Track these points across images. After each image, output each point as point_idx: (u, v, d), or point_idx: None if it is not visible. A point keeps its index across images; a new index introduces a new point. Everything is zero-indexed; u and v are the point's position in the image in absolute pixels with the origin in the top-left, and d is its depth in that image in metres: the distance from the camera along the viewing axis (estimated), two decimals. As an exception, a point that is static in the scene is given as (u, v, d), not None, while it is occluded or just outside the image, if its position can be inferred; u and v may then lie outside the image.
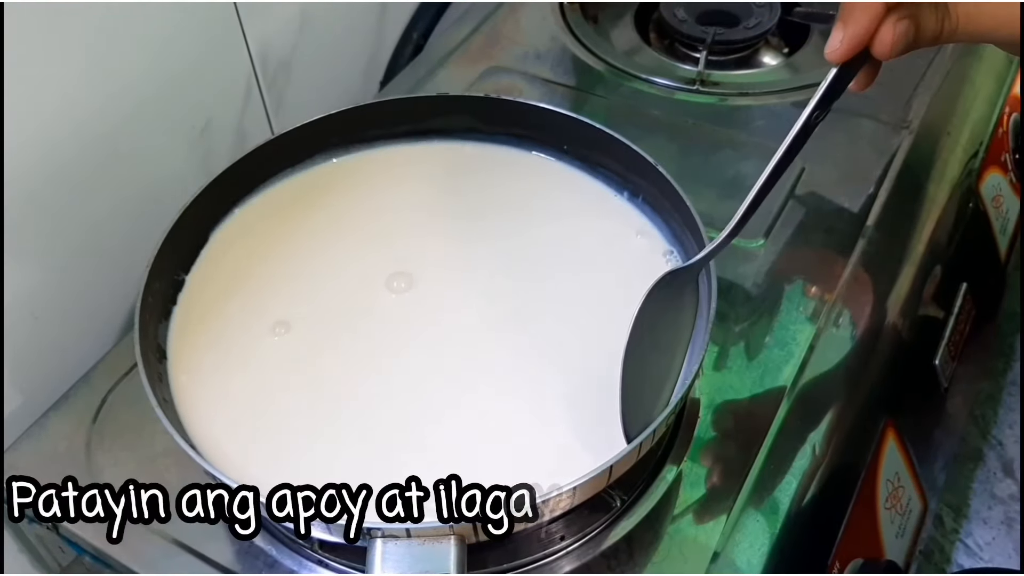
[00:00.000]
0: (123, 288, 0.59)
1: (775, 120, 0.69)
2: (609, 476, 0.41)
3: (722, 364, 0.55)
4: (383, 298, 0.52)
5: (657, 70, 0.73)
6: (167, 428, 0.41)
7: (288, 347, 0.49)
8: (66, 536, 0.50)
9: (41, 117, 0.52)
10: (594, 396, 0.47)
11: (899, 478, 0.58)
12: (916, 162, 0.67)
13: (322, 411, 0.47)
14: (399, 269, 0.53)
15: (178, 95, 0.60)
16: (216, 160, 0.64)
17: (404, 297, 0.52)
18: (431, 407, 0.47)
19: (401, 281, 0.52)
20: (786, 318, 0.57)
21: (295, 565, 0.48)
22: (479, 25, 0.79)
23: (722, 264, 0.47)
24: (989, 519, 0.74)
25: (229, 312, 0.51)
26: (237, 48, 0.64)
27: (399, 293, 0.52)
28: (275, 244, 0.54)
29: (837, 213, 0.63)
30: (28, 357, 0.55)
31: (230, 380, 0.48)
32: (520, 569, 0.47)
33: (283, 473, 0.44)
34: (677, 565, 0.47)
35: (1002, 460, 0.78)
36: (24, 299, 0.54)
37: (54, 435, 0.53)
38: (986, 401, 0.82)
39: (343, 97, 0.76)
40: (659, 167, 0.51)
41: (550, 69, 0.74)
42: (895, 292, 0.61)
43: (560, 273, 0.53)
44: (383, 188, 0.57)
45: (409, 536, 0.39)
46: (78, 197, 0.55)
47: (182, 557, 0.48)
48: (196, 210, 0.50)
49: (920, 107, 0.70)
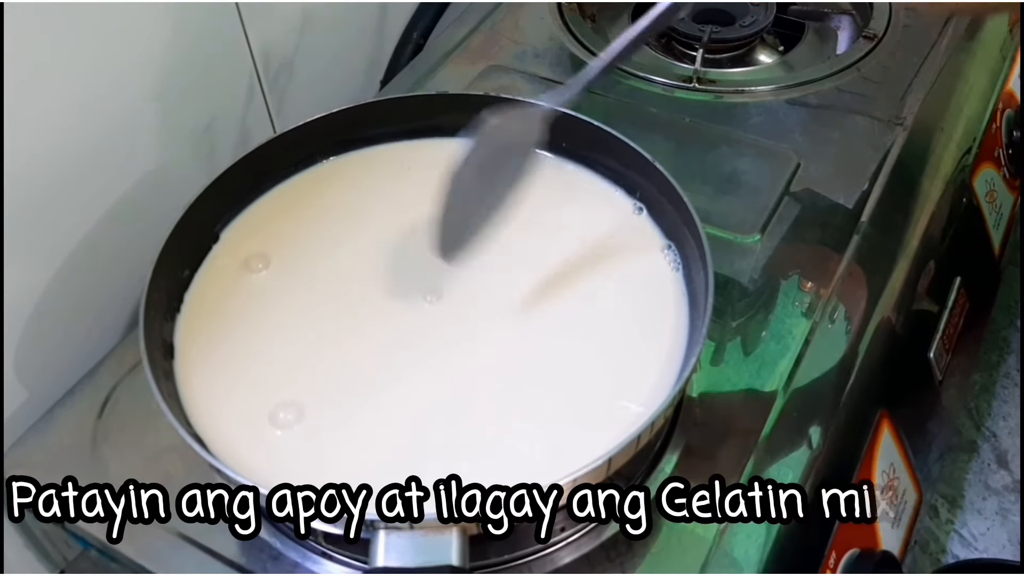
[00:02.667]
0: (128, 285, 0.59)
1: (771, 117, 0.70)
2: (608, 468, 0.41)
3: (719, 359, 0.55)
4: (393, 297, 0.52)
5: (654, 68, 0.74)
6: (171, 421, 0.42)
7: (295, 344, 0.50)
8: (71, 531, 0.50)
9: (45, 116, 0.52)
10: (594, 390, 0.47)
11: (894, 469, 0.59)
12: (910, 158, 0.68)
13: (330, 408, 0.47)
14: (407, 268, 0.53)
15: (181, 94, 0.60)
16: (219, 159, 0.65)
17: (414, 295, 0.52)
18: (444, 406, 0.47)
19: (411, 280, 0.52)
20: (782, 313, 0.57)
21: (299, 558, 0.48)
22: (478, 25, 0.79)
23: (719, 260, 0.47)
24: (983, 510, 0.75)
25: (236, 310, 0.51)
26: (239, 48, 0.64)
27: (409, 292, 0.52)
28: (281, 244, 0.54)
29: (832, 209, 0.63)
30: (33, 353, 0.56)
31: (238, 376, 0.48)
32: (521, 560, 0.47)
33: (290, 470, 0.45)
34: (675, 556, 0.47)
35: (996, 451, 0.78)
36: (29, 295, 0.54)
37: (59, 430, 0.53)
38: (980, 393, 0.82)
39: (344, 96, 0.76)
40: (656, 164, 0.52)
41: (548, 68, 0.75)
42: (890, 286, 0.61)
43: (558, 269, 0.53)
44: (387, 186, 0.57)
45: (412, 527, 0.39)
46: (83, 194, 0.56)
47: (187, 550, 0.48)
48: (201, 207, 0.51)
49: (914, 103, 0.71)
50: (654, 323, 0.50)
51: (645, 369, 0.47)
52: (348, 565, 0.48)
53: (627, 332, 0.50)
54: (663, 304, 0.50)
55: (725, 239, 0.61)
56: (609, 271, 0.53)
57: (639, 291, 0.51)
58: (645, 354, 0.48)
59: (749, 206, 0.63)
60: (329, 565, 0.48)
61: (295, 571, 0.48)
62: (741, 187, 0.64)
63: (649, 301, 0.51)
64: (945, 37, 0.77)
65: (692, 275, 0.50)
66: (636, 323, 0.50)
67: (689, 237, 0.50)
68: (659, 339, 0.49)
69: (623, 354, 0.49)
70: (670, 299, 0.51)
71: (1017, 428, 0.80)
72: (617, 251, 0.54)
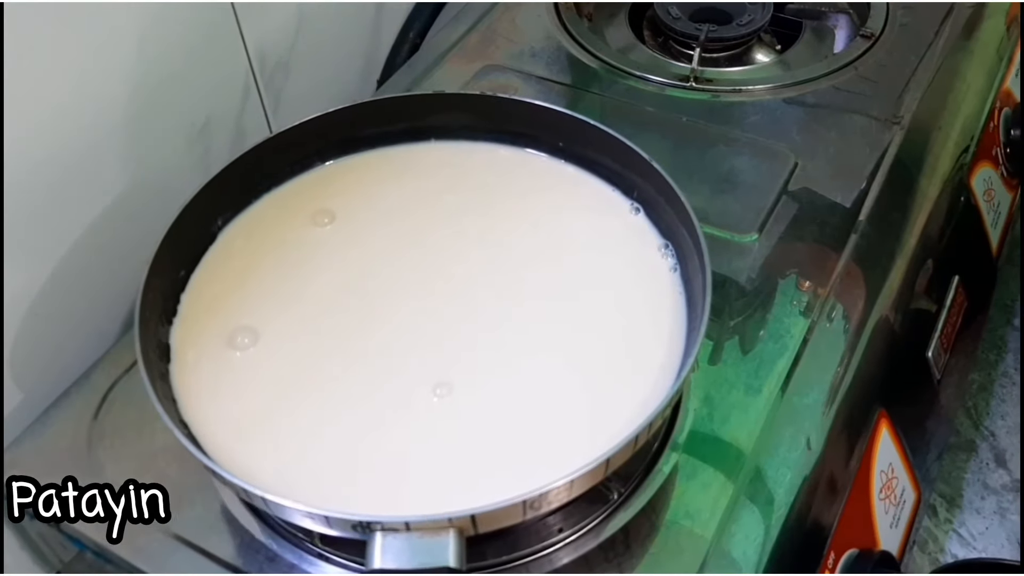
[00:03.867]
0: (124, 286, 0.59)
1: (768, 116, 0.70)
2: (607, 468, 0.41)
3: (717, 358, 0.55)
4: (388, 301, 0.52)
5: (651, 67, 0.74)
6: (165, 421, 0.42)
7: (294, 345, 0.50)
8: (68, 533, 0.50)
9: (40, 115, 0.52)
10: (591, 391, 0.47)
11: (893, 469, 0.59)
12: (908, 157, 0.68)
13: (326, 409, 0.47)
14: (401, 272, 0.53)
15: (176, 94, 0.60)
16: (215, 158, 0.64)
17: (409, 296, 0.52)
18: (438, 412, 0.47)
19: (411, 283, 0.52)
20: (780, 312, 0.57)
21: (296, 559, 0.48)
22: (475, 24, 0.79)
23: (716, 260, 0.47)
24: (982, 509, 0.75)
25: (233, 311, 0.51)
26: (235, 47, 0.64)
27: (404, 294, 0.52)
28: (278, 246, 0.54)
29: (830, 208, 0.63)
30: (29, 354, 0.55)
31: (235, 379, 0.48)
32: (519, 561, 0.47)
33: (286, 470, 0.45)
34: (674, 556, 0.47)
35: (994, 451, 0.78)
36: (25, 296, 0.54)
37: (55, 432, 0.53)
38: (978, 392, 0.82)
39: (340, 96, 0.76)
40: (654, 163, 0.52)
41: (545, 67, 0.75)
42: (888, 285, 0.61)
43: (556, 270, 0.53)
44: (383, 189, 0.57)
45: (408, 529, 0.39)
46: (78, 194, 0.56)
47: (183, 552, 0.48)
48: (197, 208, 0.50)
49: (911, 102, 0.71)
50: (652, 323, 0.49)
51: (643, 369, 0.47)
52: (344, 567, 0.48)
53: (625, 332, 0.50)
54: (661, 304, 0.50)
55: (723, 238, 0.61)
56: (606, 271, 0.53)
57: (636, 291, 0.51)
58: (643, 354, 0.48)
59: (746, 205, 0.63)
60: (325, 567, 0.48)
61: (291, 573, 0.48)
62: (738, 186, 0.64)
63: (646, 301, 0.51)
64: (942, 36, 0.77)
65: (690, 274, 0.50)
66: (633, 323, 0.50)
67: (686, 236, 0.50)
68: (657, 339, 0.49)
69: (620, 354, 0.49)
70: (668, 299, 0.50)
71: (1015, 427, 0.80)
72: (614, 251, 0.53)
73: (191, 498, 0.50)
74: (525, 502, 0.39)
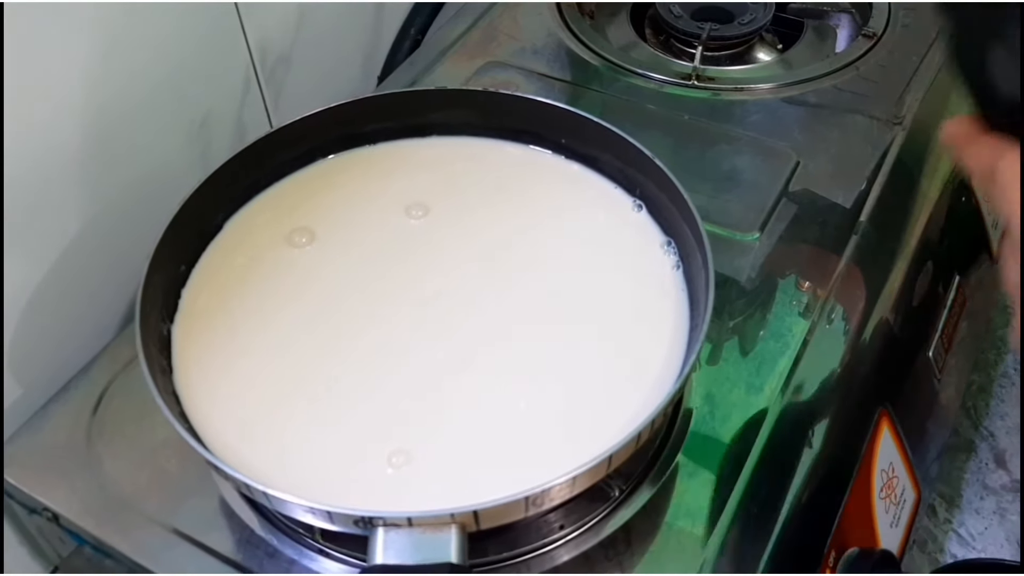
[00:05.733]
0: (124, 282, 0.59)
1: (769, 115, 0.70)
2: (608, 465, 0.41)
3: (717, 358, 0.55)
4: (390, 295, 0.51)
5: (652, 65, 0.74)
6: (166, 416, 0.41)
7: (294, 340, 0.49)
8: (66, 527, 0.50)
9: (41, 111, 0.52)
10: (594, 388, 0.47)
11: (893, 469, 0.59)
12: (909, 157, 0.68)
13: (329, 404, 0.47)
14: (403, 268, 0.53)
15: (177, 89, 0.60)
16: (215, 153, 0.64)
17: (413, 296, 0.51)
18: (440, 401, 0.47)
19: (410, 281, 0.52)
20: (780, 312, 0.57)
21: (296, 555, 0.48)
22: (476, 21, 0.79)
23: (717, 259, 0.47)
24: (981, 509, 0.75)
25: (235, 306, 0.51)
26: (236, 42, 0.64)
27: (408, 293, 0.52)
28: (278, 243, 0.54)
29: (831, 208, 0.63)
30: (28, 348, 0.55)
31: (236, 373, 0.48)
32: (520, 557, 0.47)
33: (286, 464, 0.45)
34: (674, 554, 0.47)
35: (994, 451, 0.78)
36: (24, 291, 0.54)
37: (54, 426, 0.53)
38: (978, 393, 0.82)
39: (341, 92, 0.76)
40: (656, 160, 0.51)
41: (547, 64, 0.74)
42: (888, 286, 0.61)
43: (559, 266, 0.53)
44: (383, 184, 0.57)
45: (411, 525, 0.39)
46: (78, 190, 0.56)
47: (183, 547, 0.48)
48: (197, 203, 0.50)
49: (913, 103, 0.71)
50: (653, 321, 0.49)
51: (645, 366, 0.47)
52: (345, 562, 0.47)
53: (626, 330, 0.50)
54: (662, 302, 0.50)
55: (724, 237, 0.61)
56: (608, 268, 0.52)
57: (638, 288, 0.51)
58: (644, 351, 0.48)
59: (748, 204, 0.63)
60: (326, 562, 0.48)
61: (292, 568, 0.47)
62: (740, 185, 0.64)
63: (648, 298, 0.51)
64: (944, 36, 0.77)
65: (692, 272, 0.50)
66: (635, 321, 0.50)
67: (689, 234, 0.50)
68: (658, 336, 0.49)
69: (622, 352, 0.49)
70: (670, 296, 0.50)
71: (1015, 427, 0.80)
72: (617, 248, 0.53)
73: (191, 493, 0.50)
74: (528, 498, 0.39)
